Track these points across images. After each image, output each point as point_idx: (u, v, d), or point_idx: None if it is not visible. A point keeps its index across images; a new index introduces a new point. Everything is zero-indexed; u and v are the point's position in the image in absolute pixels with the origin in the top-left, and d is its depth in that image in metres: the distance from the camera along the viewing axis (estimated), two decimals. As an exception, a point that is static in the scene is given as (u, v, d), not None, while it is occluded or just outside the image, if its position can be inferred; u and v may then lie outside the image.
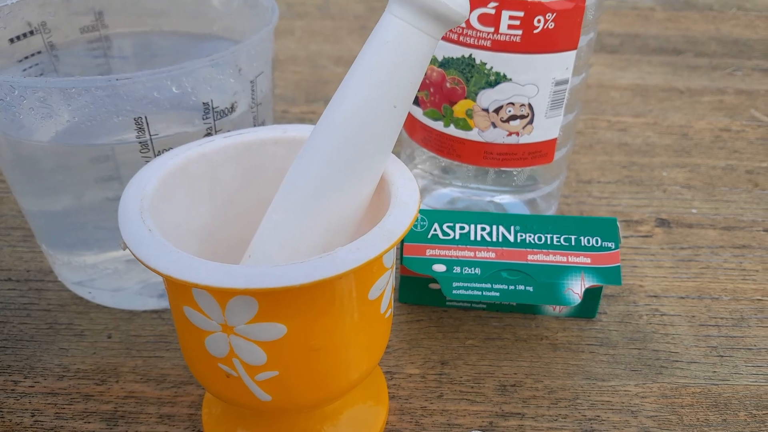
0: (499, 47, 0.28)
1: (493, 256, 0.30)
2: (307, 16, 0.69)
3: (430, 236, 0.30)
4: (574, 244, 0.30)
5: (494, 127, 0.30)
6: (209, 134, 0.27)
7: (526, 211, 0.36)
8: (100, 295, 0.33)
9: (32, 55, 0.33)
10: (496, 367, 0.30)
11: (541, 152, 0.31)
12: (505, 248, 0.30)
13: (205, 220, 0.25)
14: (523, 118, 0.30)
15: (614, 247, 0.30)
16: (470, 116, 0.30)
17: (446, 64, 0.29)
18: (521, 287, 0.29)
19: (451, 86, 0.30)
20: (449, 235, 0.30)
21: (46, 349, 0.31)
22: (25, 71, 0.32)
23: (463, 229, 0.30)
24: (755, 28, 0.72)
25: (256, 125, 0.30)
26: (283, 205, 0.22)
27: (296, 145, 0.25)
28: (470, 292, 0.29)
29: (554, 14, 0.27)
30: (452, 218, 0.31)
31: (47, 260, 0.35)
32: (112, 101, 0.25)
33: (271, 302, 0.19)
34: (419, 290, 0.33)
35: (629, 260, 0.38)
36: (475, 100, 0.29)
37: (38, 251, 0.37)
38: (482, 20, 0.27)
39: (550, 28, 0.27)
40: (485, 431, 0.27)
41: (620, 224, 0.40)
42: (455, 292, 0.29)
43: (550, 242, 0.30)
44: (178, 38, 0.36)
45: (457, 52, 0.29)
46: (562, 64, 0.28)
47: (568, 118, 0.32)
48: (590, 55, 0.31)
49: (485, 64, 0.28)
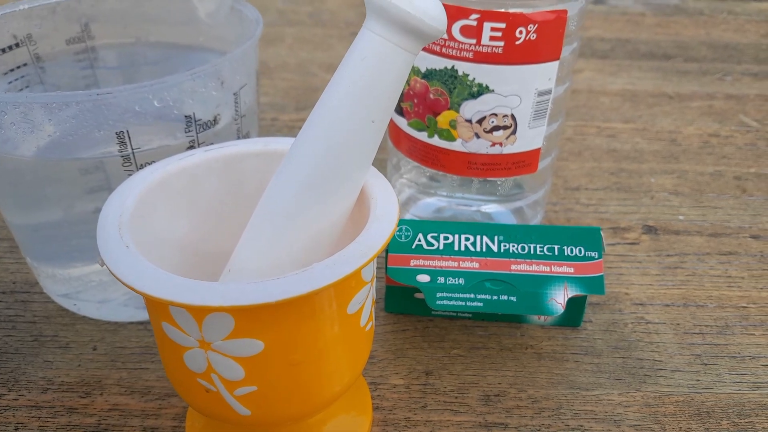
0: (481, 59, 0.28)
1: (476, 266, 0.30)
2: (298, 23, 0.69)
3: (414, 246, 0.30)
4: (557, 253, 0.30)
5: (477, 137, 0.30)
6: (192, 147, 0.27)
7: (512, 219, 0.36)
8: (85, 306, 0.33)
9: (18, 67, 0.33)
10: (480, 376, 0.30)
11: (524, 162, 0.31)
12: (488, 258, 0.30)
13: (186, 232, 0.25)
14: (506, 128, 0.30)
15: (597, 256, 0.30)
16: (454, 127, 0.30)
17: (429, 75, 0.29)
18: (504, 297, 0.29)
19: (434, 97, 0.30)
20: (433, 245, 0.30)
21: (30, 361, 0.31)
22: (10, 84, 0.33)
23: (447, 239, 0.31)
24: (745, 32, 0.72)
25: (240, 137, 0.30)
26: (262, 219, 0.23)
27: (278, 158, 0.25)
28: (454, 302, 0.29)
29: (536, 25, 0.27)
30: (436, 228, 0.31)
31: (33, 272, 0.35)
32: (93, 116, 0.25)
33: (247, 319, 0.19)
34: (405, 300, 0.33)
35: (615, 268, 0.38)
36: (458, 111, 0.30)
37: (24, 262, 0.37)
38: (464, 32, 0.27)
39: (532, 39, 0.27)
40: (469, 442, 0.27)
41: (607, 231, 0.41)
42: (439, 302, 0.29)
43: (533, 252, 0.30)
44: (164, 49, 0.36)
45: (439, 63, 0.29)
46: (544, 74, 0.29)
47: (552, 127, 0.32)
48: (574, 64, 0.31)
49: (468, 75, 0.28)
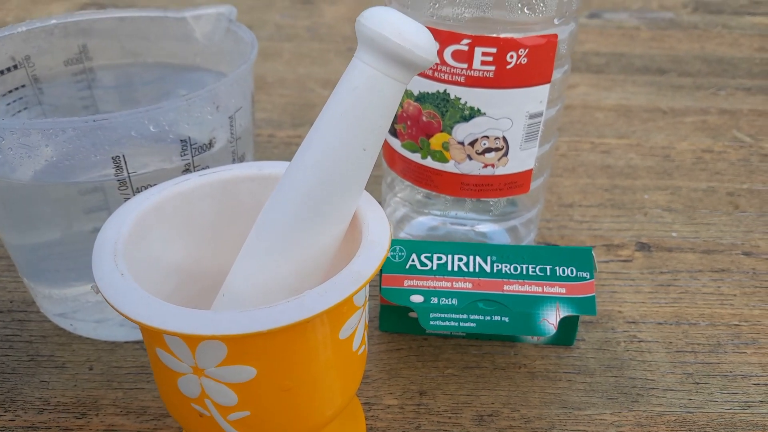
0: (472, 83, 0.28)
1: (469, 286, 0.30)
2: (296, 38, 0.70)
3: (408, 267, 0.31)
4: (549, 274, 0.30)
5: (470, 159, 0.30)
6: (188, 170, 0.28)
7: (506, 237, 0.36)
8: (81, 326, 0.33)
9: (16, 89, 0.33)
10: (474, 396, 0.31)
11: (517, 183, 0.32)
12: (481, 279, 0.30)
13: (181, 256, 0.25)
14: (498, 150, 0.30)
15: (589, 277, 0.30)
16: (446, 149, 0.31)
17: (422, 98, 0.30)
18: (497, 318, 0.30)
19: (427, 120, 0.30)
20: (427, 265, 0.31)
21: (27, 381, 0.31)
22: (8, 105, 0.33)
23: (440, 259, 0.31)
24: (739, 46, 0.72)
25: (235, 159, 0.30)
26: (255, 245, 0.23)
27: (272, 182, 0.25)
28: (447, 323, 0.30)
29: (527, 50, 0.27)
30: (430, 249, 0.31)
31: (30, 291, 0.35)
32: (89, 141, 0.25)
33: (239, 346, 0.19)
34: (399, 319, 0.33)
35: (609, 286, 0.38)
36: (450, 133, 0.30)
37: (21, 281, 0.37)
38: (456, 57, 0.28)
39: (522, 63, 0.28)
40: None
41: (601, 249, 0.41)
42: (432, 323, 0.30)
43: (525, 272, 0.30)
44: (161, 69, 0.37)
45: (432, 87, 0.29)
46: (535, 98, 0.29)
47: (544, 148, 0.32)
48: (565, 86, 0.32)
49: (459, 99, 0.29)
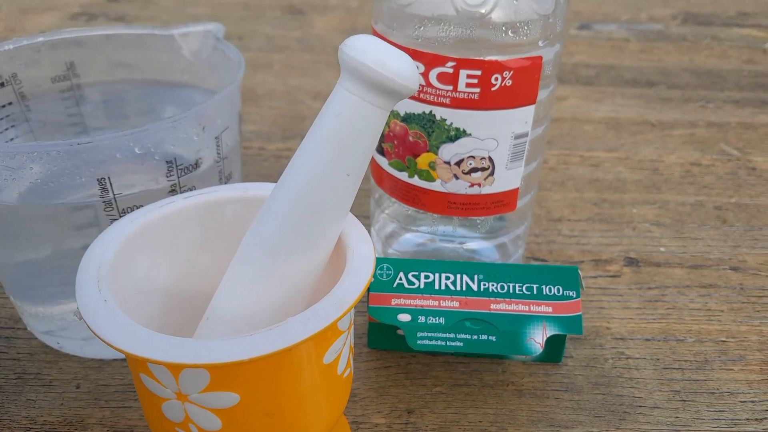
0: (458, 104, 0.28)
1: (457, 305, 0.30)
2: (286, 49, 0.70)
3: (395, 285, 0.31)
4: (536, 292, 0.30)
5: (456, 178, 0.31)
6: (174, 191, 0.28)
7: (495, 253, 0.36)
8: (69, 344, 0.33)
9: (2, 106, 0.33)
10: (461, 415, 0.31)
11: (503, 201, 0.32)
12: (468, 297, 0.30)
13: (167, 277, 0.25)
14: (484, 170, 0.30)
15: (575, 296, 0.31)
16: (433, 168, 0.31)
17: (408, 119, 0.30)
18: (484, 337, 0.30)
19: (413, 140, 0.30)
20: (414, 284, 0.31)
21: (14, 400, 0.31)
22: (-6, 123, 0.33)
23: (428, 278, 0.31)
24: (728, 58, 0.73)
25: (222, 178, 0.30)
26: (239, 269, 0.23)
27: (257, 203, 0.25)
28: (435, 342, 0.30)
29: (511, 72, 0.28)
30: (417, 267, 0.31)
31: (16, 309, 0.35)
32: (74, 163, 0.25)
33: (222, 373, 0.19)
34: (388, 336, 0.33)
35: (597, 301, 0.38)
36: (437, 153, 0.30)
37: (7, 297, 0.37)
38: (441, 79, 0.28)
39: (507, 85, 0.28)
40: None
41: (589, 264, 0.41)
42: (420, 342, 0.30)
43: (512, 291, 0.30)
44: (148, 86, 0.37)
45: (418, 108, 0.29)
46: (521, 118, 0.29)
47: (530, 167, 0.32)
48: (551, 105, 0.32)
49: (445, 120, 0.29)
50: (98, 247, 0.22)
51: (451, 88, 0.28)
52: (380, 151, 0.33)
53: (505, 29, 0.27)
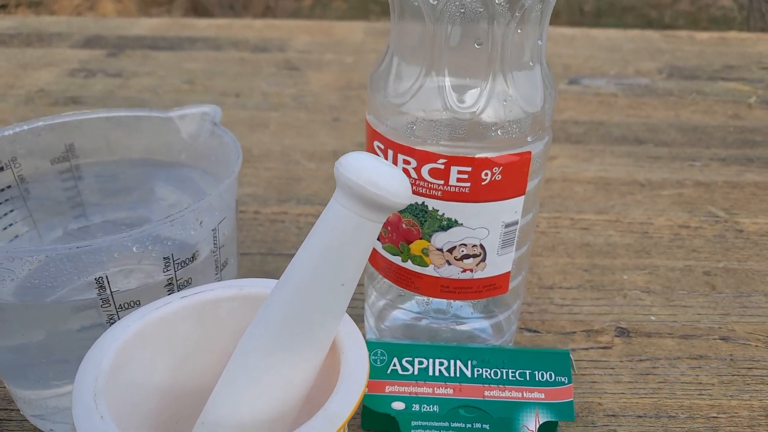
0: (449, 197, 0.29)
1: (451, 392, 0.31)
2: (282, 106, 0.71)
3: (389, 372, 0.31)
4: (528, 378, 0.31)
5: (449, 264, 0.31)
6: (170, 284, 0.28)
7: (489, 331, 0.37)
8: (61, 429, 0.33)
9: (1, 190, 0.34)
10: (455, 502, 0.31)
11: (495, 285, 0.32)
12: (462, 384, 0.31)
13: (163, 378, 0.25)
14: (476, 256, 0.31)
15: (567, 381, 0.31)
16: (426, 254, 0.31)
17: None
18: (478, 425, 0.30)
19: (406, 227, 0.31)
20: (408, 370, 0.31)
21: (5, 490, 0.31)
22: (-7, 208, 0.33)
23: (421, 363, 0.31)
24: (713, 113, 0.75)
25: (218, 267, 0.31)
26: (233, 375, 0.23)
27: (252, 301, 0.26)
28: (429, 431, 0.30)
29: (501, 167, 0.28)
30: (411, 352, 0.31)
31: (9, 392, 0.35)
32: (73, 265, 0.25)
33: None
34: (381, 418, 0.33)
35: (588, 375, 0.38)
36: (429, 240, 0.31)
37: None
38: (432, 174, 0.29)
39: (497, 179, 0.29)
40: None
41: (581, 335, 0.41)
42: (414, 431, 0.30)
43: (505, 377, 0.31)
44: (145, 165, 0.37)
45: (411, 199, 0.30)
46: (511, 209, 0.30)
47: (520, 251, 0.33)
48: (539, 194, 0.32)
49: (437, 210, 0.30)
50: (95, 355, 0.23)
51: (442, 182, 0.29)
52: (374, 235, 0.33)
53: (494, 129, 0.28)
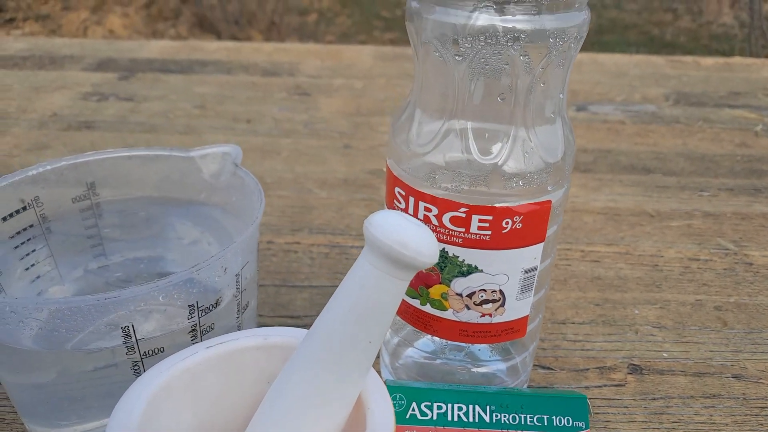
0: (469, 244, 0.29)
1: (469, 437, 0.31)
2: (293, 133, 0.72)
3: (408, 416, 0.31)
4: (546, 423, 0.31)
5: (468, 309, 0.31)
6: (194, 330, 0.29)
7: (505, 373, 0.37)
8: (81, 469, 0.33)
9: (24, 229, 0.34)
10: None
11: (513, 329, 0.33)
12: (481, 430, 0.31)
13: (188, 427, 0.26)
14: (495, 302, 0.31)
15: (584, 426, 0.31)
16: (445, 298, 0.32)
17: (421, 254, 0.31)
18: (496, 471, 0.30)
19: (426, 272, 0.31)
20: (427, 415, 0.31)
21: None
22: (16, 248, 0.34)
23: (440, 408, 0.31)
24: (721, 141, 0.75)
25: (239, 309, 0.31)
26: (260, 427, 0.23)
27: (277, 350, 0.26)
28: (447, 476, 0.30)
29: (521, 216, 0.29)
30: (429, 397, 0.32)
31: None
32: (99, 314, 0.26)
33: None
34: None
35: (602, 414, 0.38)
36: (449, 285, 0.31)
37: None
38: (453, 222, 0.29)
39: (518, 228, 0.29)
40: None
41: (594, 372, 0.42)
42: (432, 476, 0.30)
43: (524, 422, 0.31)
44: (166, 204, 0.38)
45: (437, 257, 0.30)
46: (530, 255, 0.30)
47: (538, 295, 0.33)
48: (557, 238, 0.33)
49: (457, 257, 0.30)
50: (124, 410, 0.23)
51: (463, 230, 0.29)
52: (392, 277, 0.34)
53: (516, 179, 0.28)
